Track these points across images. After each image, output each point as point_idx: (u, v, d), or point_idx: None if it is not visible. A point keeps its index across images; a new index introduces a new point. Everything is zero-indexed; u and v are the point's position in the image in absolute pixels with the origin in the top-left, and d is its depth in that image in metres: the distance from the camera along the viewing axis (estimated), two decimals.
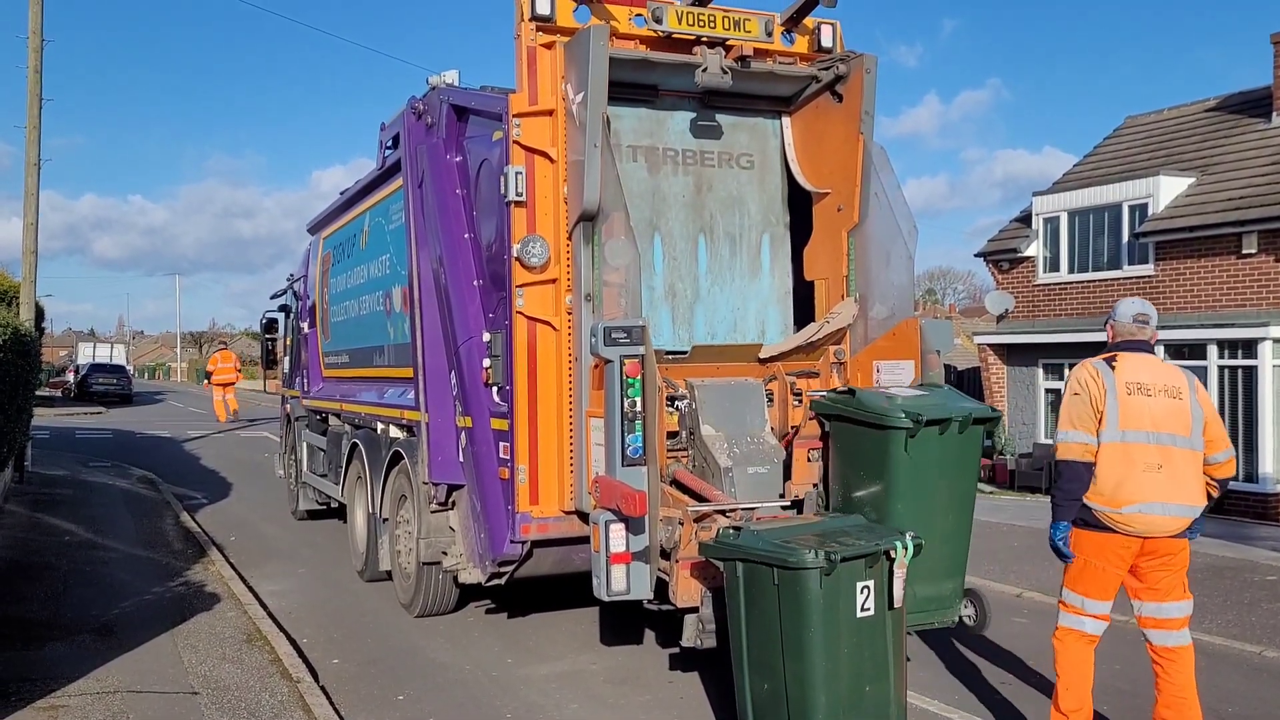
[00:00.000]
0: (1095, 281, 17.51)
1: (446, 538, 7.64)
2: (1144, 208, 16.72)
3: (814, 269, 7.45)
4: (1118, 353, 5.08)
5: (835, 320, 7.12)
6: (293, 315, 13.70)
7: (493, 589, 7.58)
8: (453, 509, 7.57)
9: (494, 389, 6.90)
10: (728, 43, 6.92)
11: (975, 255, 27.79)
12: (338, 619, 8.26)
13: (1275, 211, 14.69)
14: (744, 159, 7.59)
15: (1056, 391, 17.84)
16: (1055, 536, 5.04)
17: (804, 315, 7.54)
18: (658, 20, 6.69)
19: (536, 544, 6.74)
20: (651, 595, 5.69)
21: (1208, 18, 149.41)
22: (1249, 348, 14.76)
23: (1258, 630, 7.89)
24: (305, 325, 12.71)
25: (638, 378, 5.56)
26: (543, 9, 6.58)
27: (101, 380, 41.58)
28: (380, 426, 9.19)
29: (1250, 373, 14.78)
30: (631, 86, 7.01)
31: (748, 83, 7.11)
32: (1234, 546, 11.31)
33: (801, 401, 6.79)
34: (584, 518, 6.43)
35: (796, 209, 7.68)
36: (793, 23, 7.23)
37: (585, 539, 6.10)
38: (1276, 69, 16.50)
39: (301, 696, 5.98)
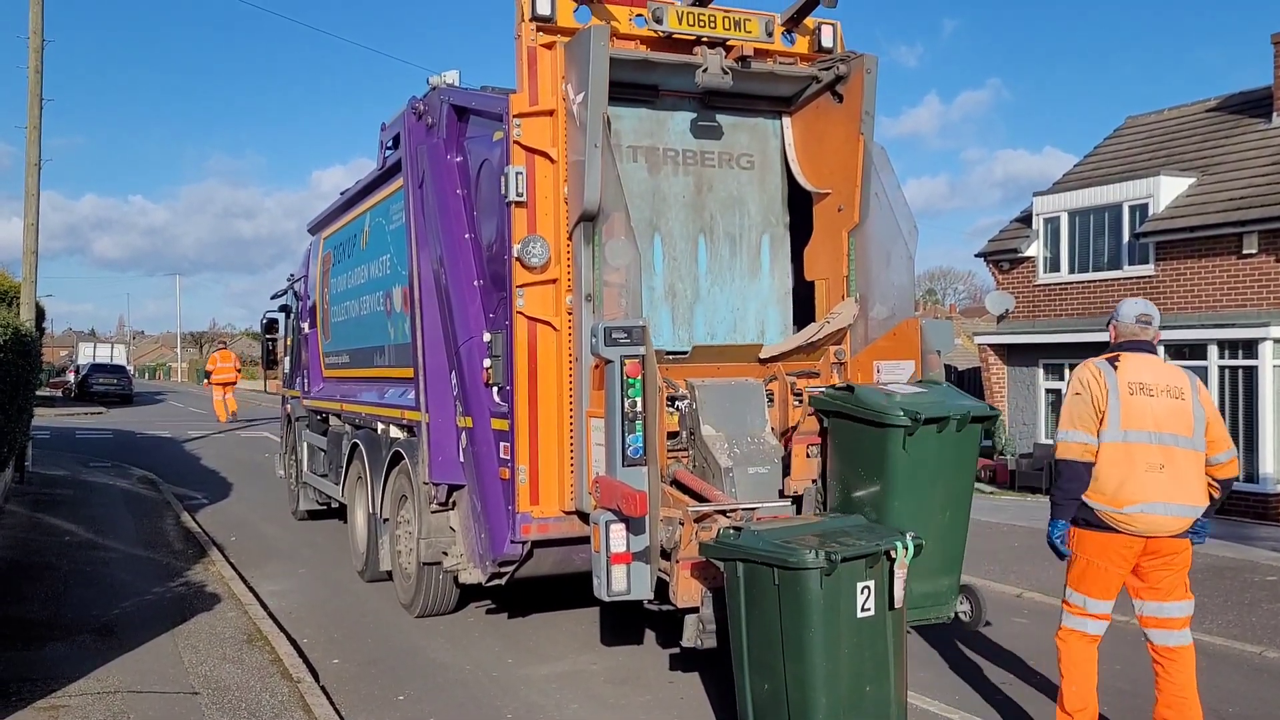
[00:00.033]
0: (1096, 282, 17.51)
1: (447, 538, 7.64)
2: (1144, 208, 16.72)
3: (814, 269, 7.45)
4: (1120, 353, 5.09)
5: (836, 320, 7.12)
6: (293, 315, 13.70)
7: (493, 589, 7.59)
8: (453, 509, 7.57)
9: (494, 389, 6.90)
10: (728, 43, 6.92)
11: (976, 255, 27.82)
12: (338, 619, 8.26)
13: (1276, 212, 14.69)
14: (744, 159, 7.59)
15: (1057, 392, 17.84)
16: (1053, 534, 5.10)
17: (804, 315, 7.54)
18: (658, 20, 6.69)
19: (537, 544, 6.74)
20: (652, 595, 5.69)
21: (1208, 18, 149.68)
22: (1249, 348, 14.77)
23: (1258, 630, 7.89)
24: (306, 325, 12.71)
25: (638, 378, 5.56)
26: (543, 9, 6.58)
27: (102, 380, 41.61)
28: (381, 427, 9.20)
29: (1251, 373, 14.78)
30: (632, 87, 7.01)
31: (748, 83, 7.12)
32: (1234, 547, 11.31)
33: (802, 402, 6.79)
34: (584, 518, 6.43)
35: (797, 209, 7.68)
36: (793, 23, 7.23)
37: (586, 539, 6.10)
38: (1277, 69, 16.49)
39: (302, 696, 5.98)
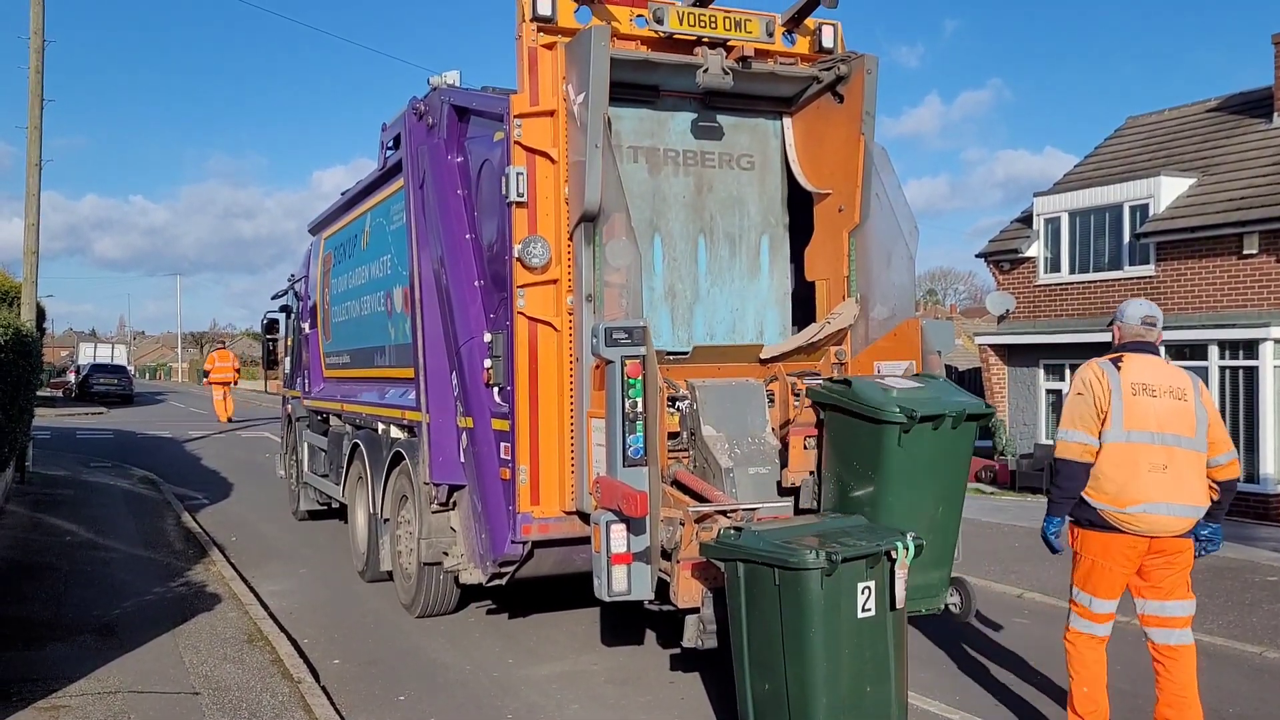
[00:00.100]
0: (1096, 282, 17.51)
1: (447, 538, 7.64)
2: (1145, 208, 16.72)
3: (815, 269, 7.45)
4: (1124, 353, 5.11)
5: (836, 321, 7.12)
6: (294, 316, 13.70)
7: (494, 589, 7.59)
8: (454, 509, 7.57)
9: (495, 389, 6.91)
10: (729, 43, 6.92)
11: (976, 256, 27.80)
12: (339, 619, 8.26)
13: (1276, 212, 14.69)
14: (744, 160, 7.59)
15: (1057, 392, 17.84)
16: (1048, 530, 5.21)
17: (805, 316, 7.54)
18: (659, 21, 6.70)
19: (537, 544, 6.75)
20: (652, 596, 5.69)
21: (1208, 18, 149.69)
22: (1250, 348, 14.76)
23: (1259, 631, 7.89)
24: (306, 326, 12.71)
25: (639, 378, 5.56)
26: (544, 10, 6.58)
27: (102, 380, 41.65)
28: (381, 427, 9.20)
29: (1251, 373, 14.78)
30: (632, 87, 7.02)
31: (749, 83, 7.12)
32: (1235, 547, 11.30)
33: (802, 402, 6.79)
34: (585, 518, 6.44)
35: (797, 209, 7.68)
36: (794, 23, 7.23)
37: (586, 539, 6.10)
38: (1277, 69, 16.49)
39: (302, 697, 5.99)
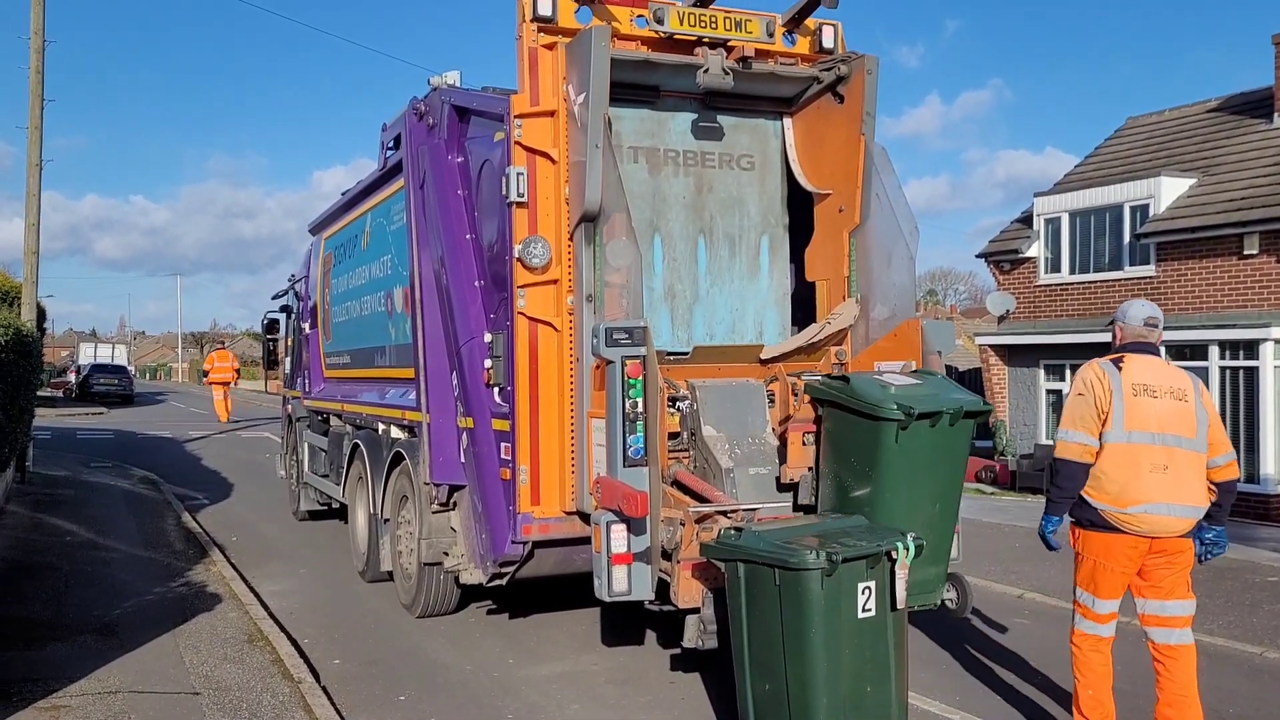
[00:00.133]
0: (1096, 282, 17.51)
1: (448, 538, 7.64)
2: (1145, 208, 16.72)
3: (815, 270, 7.45)
4: (1125, 354, 5.12)
5: (836, 321, 7.12)
6: (294, 316, 13.70)
7: (494, 589, 7.59)
8: (454, 509, 7.58)
9: (495, 389, 6.91)
10: (729, 44, 6.92)
11: (976, 256, 27.73)
12: (339, 619, 8.26)
13: (1277, 212, 14.69)
14: (745, 160, 7.59)
15: (1058, 392, 17.85)
16: (1046, 528, 5.25)
17: (805, 316, 7.54)
18: (659, 21, 6.69)
19: (538, 544, 6.74)
20: (653, 596, 5.69)
21: (1208, 18, 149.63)
22: (1250, 349, 14.76)
23: (1259, 631, 7.89)
24: (307, 326, 12.72)
25: (639, 378, 5.56)
26: (544, 10, 6.58)
27: (103, 381, 41.68)
28: (381, 427, 9.20)
29: (1252, 374, 14.78)
30: (633, 87, 7.01)
31: (749, 84, 7.12)
32: (1235, 547, 11.27)
33: (800, 399, 6.79)
34: (585, 518, 6.44)
35: (797, 210, 7.68)
36: (794, 23, 7.23)
37: (586, 540, 6.10)
38: (1278, 70, 16.49)
39: (303, 697, 5.99)
